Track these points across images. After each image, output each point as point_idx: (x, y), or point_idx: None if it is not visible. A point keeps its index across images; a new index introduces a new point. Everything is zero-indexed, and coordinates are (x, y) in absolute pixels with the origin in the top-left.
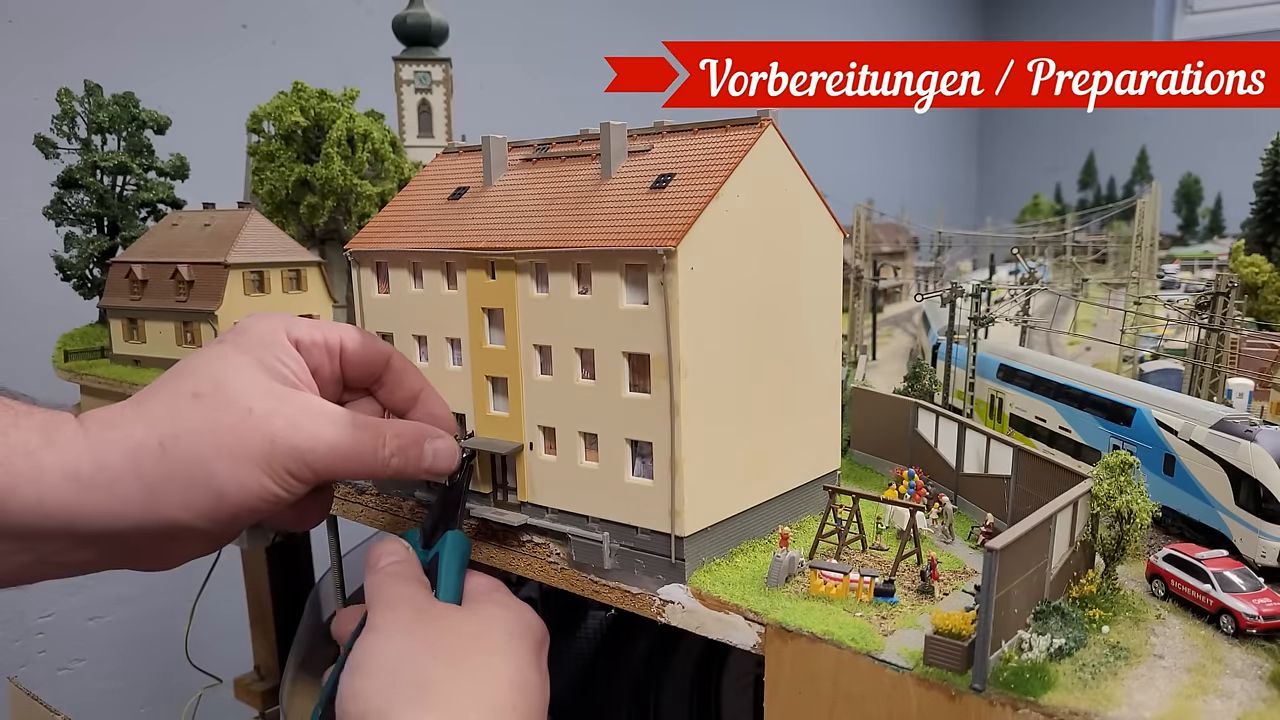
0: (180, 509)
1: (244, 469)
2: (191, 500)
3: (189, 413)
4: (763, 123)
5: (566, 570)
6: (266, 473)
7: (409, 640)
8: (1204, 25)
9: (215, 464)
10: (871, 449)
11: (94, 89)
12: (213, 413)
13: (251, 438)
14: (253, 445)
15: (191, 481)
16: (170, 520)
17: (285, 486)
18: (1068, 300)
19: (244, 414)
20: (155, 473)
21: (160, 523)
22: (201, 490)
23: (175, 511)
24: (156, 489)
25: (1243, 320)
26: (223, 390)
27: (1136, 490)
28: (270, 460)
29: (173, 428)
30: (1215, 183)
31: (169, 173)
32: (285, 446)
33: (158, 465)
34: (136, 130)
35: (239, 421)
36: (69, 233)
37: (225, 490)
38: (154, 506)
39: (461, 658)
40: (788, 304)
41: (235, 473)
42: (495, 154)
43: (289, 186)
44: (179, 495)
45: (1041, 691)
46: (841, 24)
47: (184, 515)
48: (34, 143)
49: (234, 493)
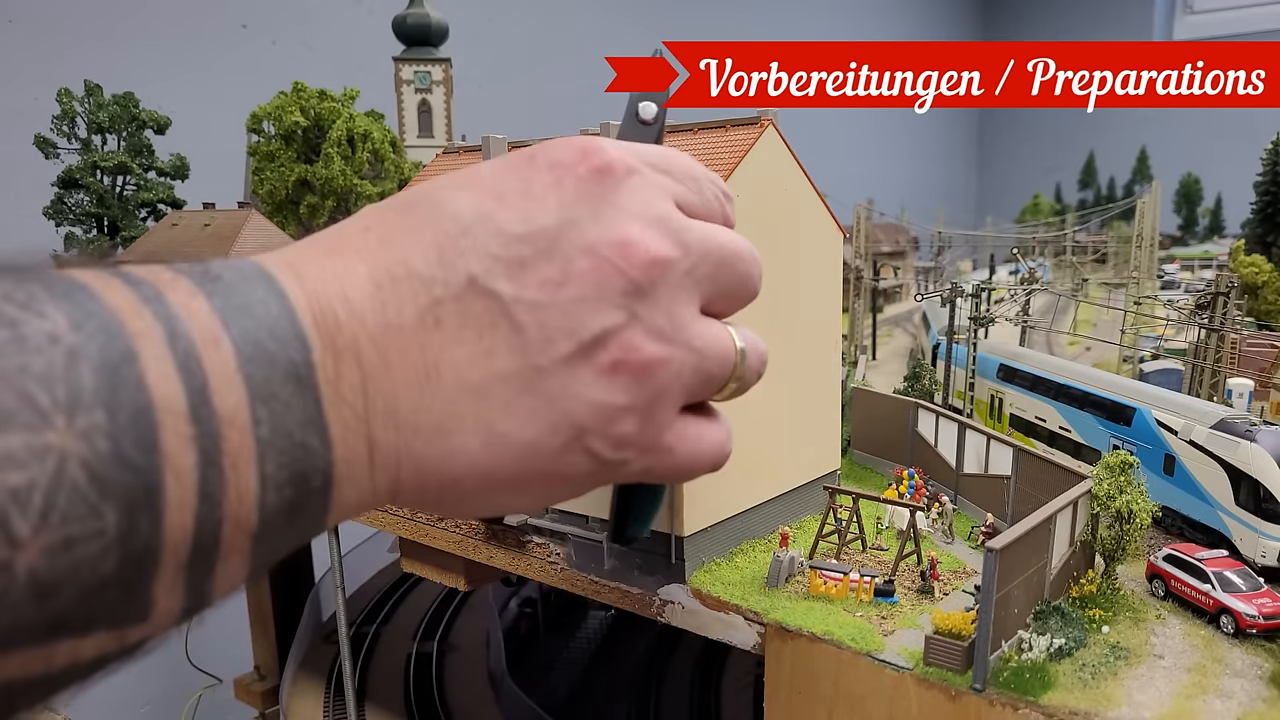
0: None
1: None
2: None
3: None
4: (763, 123)
5: (566, 570)
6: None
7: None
8: (1204, 25)
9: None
10: (871, 449)
11: (94, 89)
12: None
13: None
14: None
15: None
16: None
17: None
18: (1068, 300)
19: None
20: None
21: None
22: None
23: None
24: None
25: (1243, 320)
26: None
27: (1136, 490)
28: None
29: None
30: (1215, 183)
31: (169, 173)
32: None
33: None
34: (136, 130)
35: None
36: (69, 233)
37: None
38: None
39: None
40: (788, 304)
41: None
42: (495, 154)
43: (289, 186)
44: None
45: (1041, 691)
46: (841, 24)
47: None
48: (34, 143)
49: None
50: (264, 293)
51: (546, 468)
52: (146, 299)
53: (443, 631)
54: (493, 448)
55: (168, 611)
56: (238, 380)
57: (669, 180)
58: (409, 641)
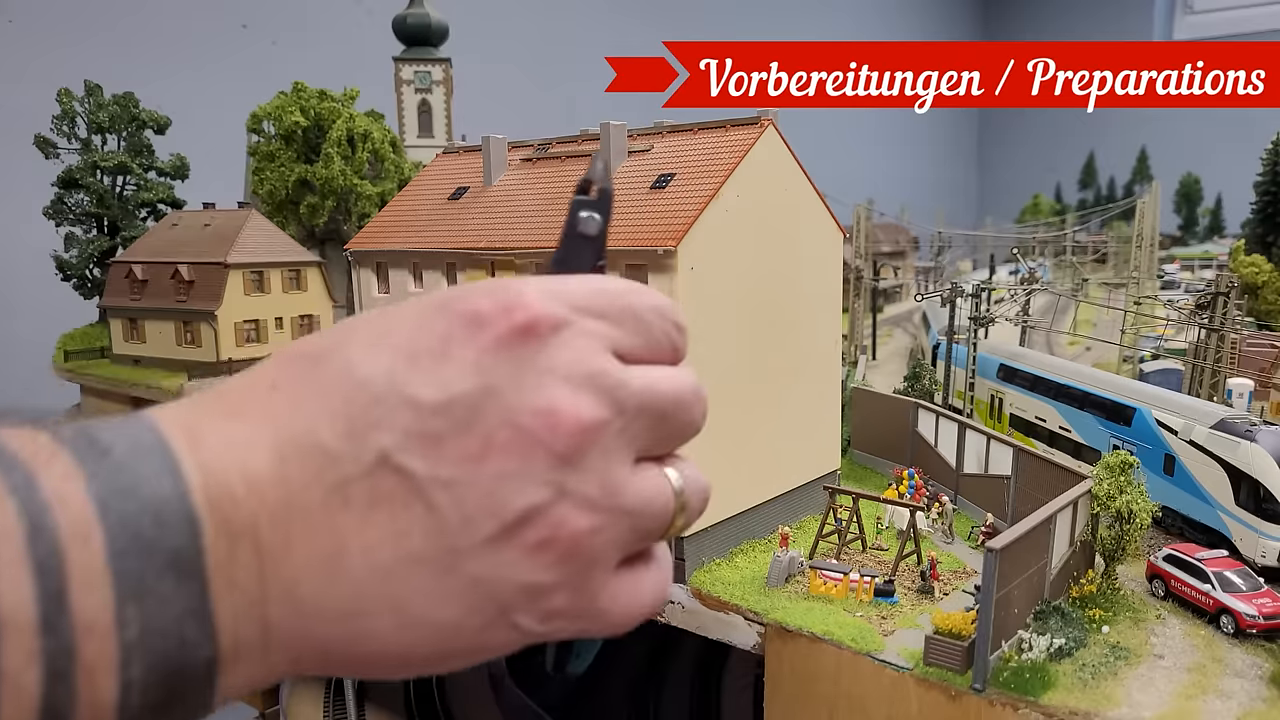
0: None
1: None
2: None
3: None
4: (763, 123)
5: None
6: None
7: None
8: (1204, 25)
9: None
10: (871, 449)
11: (94, 89)
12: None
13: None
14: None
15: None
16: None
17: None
18: (1068, 300)
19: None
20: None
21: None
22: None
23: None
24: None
25: (1243, 320)
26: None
27: (1136, 490)
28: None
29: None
30: (1215, 183)
31: (169, 173)
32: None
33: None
34: (136, 130)
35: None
36: (69, 233)
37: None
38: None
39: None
40: (788, 304)
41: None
42: (495, 154)
43: (289, 186)
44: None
45: (1041, 691)
46: (841, 24)
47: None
48: (34, 143)
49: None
50: (156, 469)
51: (468, 645)
52: (15, 488)
53: None
54: (407, 630)
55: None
56: (106, 578)
57: (604, 326)
58: None
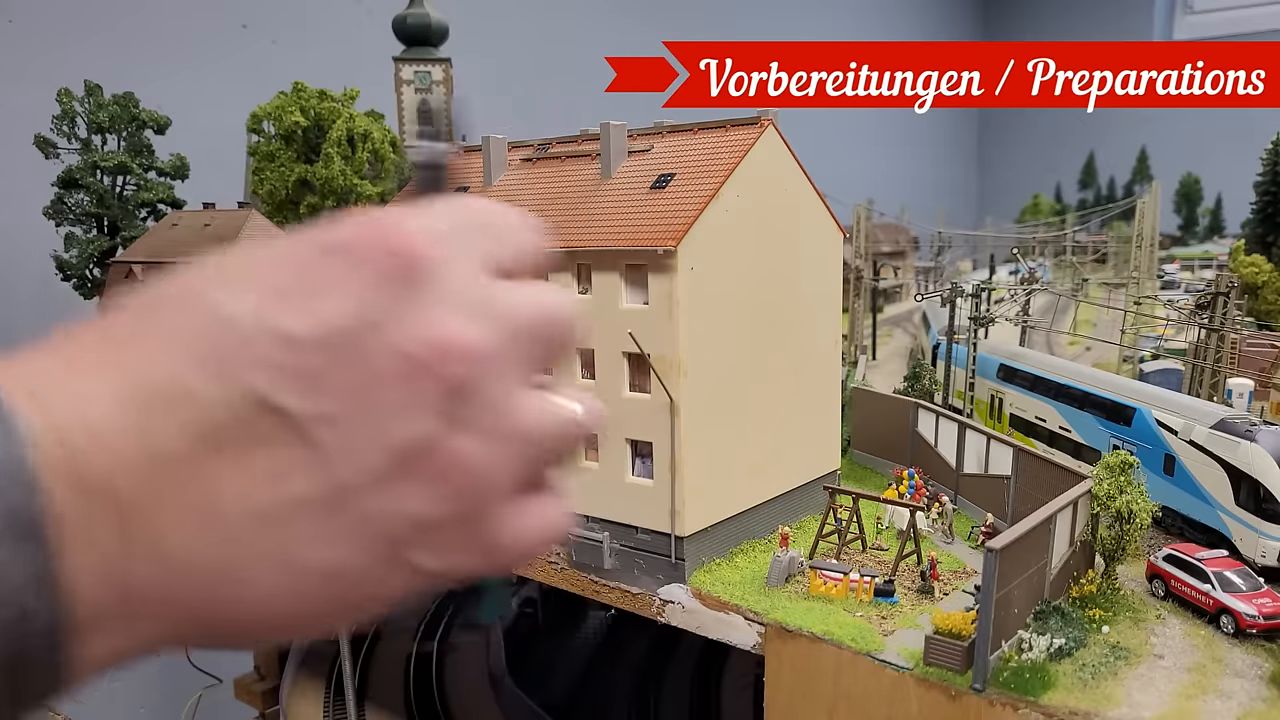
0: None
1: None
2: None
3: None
4: (763, 123)
5: (566, 570)
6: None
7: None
8: (1204, 25)
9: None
10: (871, 449)
11: (94, 89)
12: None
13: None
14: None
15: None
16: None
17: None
18: (1068, 300)
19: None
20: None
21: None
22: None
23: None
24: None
25: (1243, 320)
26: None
27: (1136, 490)
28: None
29: None
30: (1215, 183)
31: (169, 173)
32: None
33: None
34: (136, 130)
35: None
36: (69, 233)
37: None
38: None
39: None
40: (788, 304)
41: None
42: (495, 154)
43: (289, 186)
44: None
45: (1041, 691)
46: (841, 24)
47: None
48: (34, 143)
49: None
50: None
51: (362, 591)
52: None
53: (443, 631)
54: (292, 579)
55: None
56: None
57: (480, 246)
58: (409, 641)
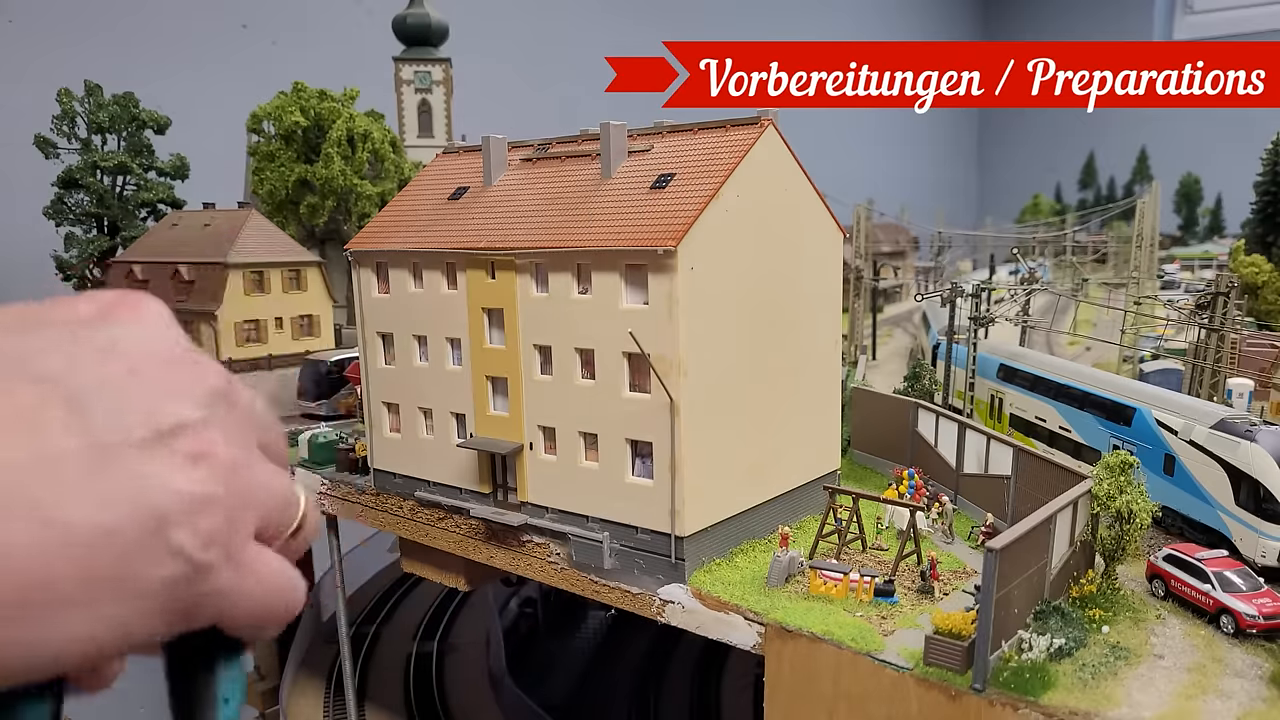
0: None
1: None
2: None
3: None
4: (763, 123)
5: (566, 570)
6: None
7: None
8: (1204, 25)
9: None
10: (871, 449)
11: (94, 89)
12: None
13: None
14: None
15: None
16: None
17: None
18: (1068, 300)
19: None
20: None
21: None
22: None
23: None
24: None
25: (1243, 320)
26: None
27: (1136, 490)
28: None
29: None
30: (1215, 183)
31: (169, 173)
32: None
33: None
34: (136, 130)
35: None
36: (69, 233)
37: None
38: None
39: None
40: (788, 304)
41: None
42: (495, 154)
43: (289, 186)
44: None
45: (1041, 691)
46: (841, 24)
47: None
48: (34, 143)
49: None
50: None
51: (121, 567)
52: None
53: (443, 631)
54: (49, 533)
55: None
56: None
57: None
58: (409, 641)
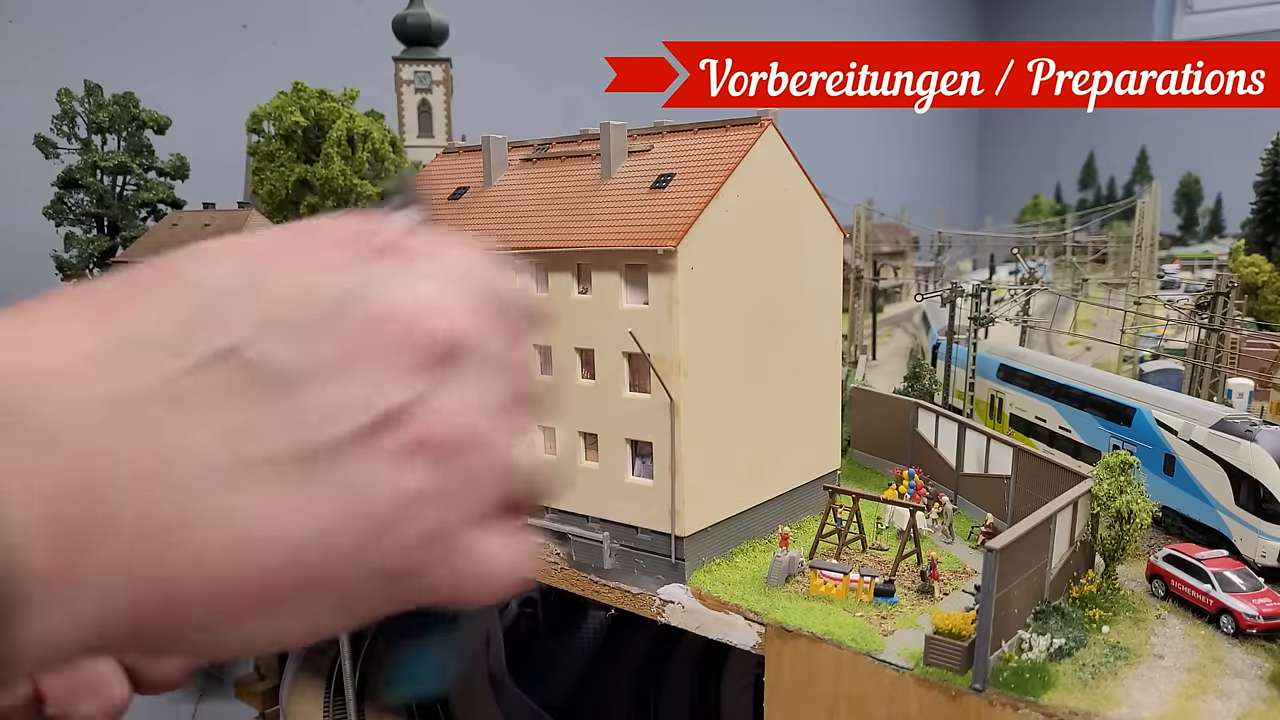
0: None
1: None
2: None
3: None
4: (763, 123)
5: (566, 570)
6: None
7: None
8: (1204, 25)
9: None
10: (871, 449)
11: (94, 89)
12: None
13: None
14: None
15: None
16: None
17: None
18: (1068, 300)
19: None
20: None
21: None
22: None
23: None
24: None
25: (1243, 320)
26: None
27: (1136, 490)
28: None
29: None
30: (1215, 183)
31: (169, 173)
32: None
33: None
34: (136, 130)
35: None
36: (69, 233)
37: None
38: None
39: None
40: (788, 304)
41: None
42: (495, 154)
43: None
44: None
45: (1041, 691)
46: (841, 24)
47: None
48: (34, 143)
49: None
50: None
51: (329, 574)
52: None
53: None
54: (259, 554)
55: None
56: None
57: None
58: None
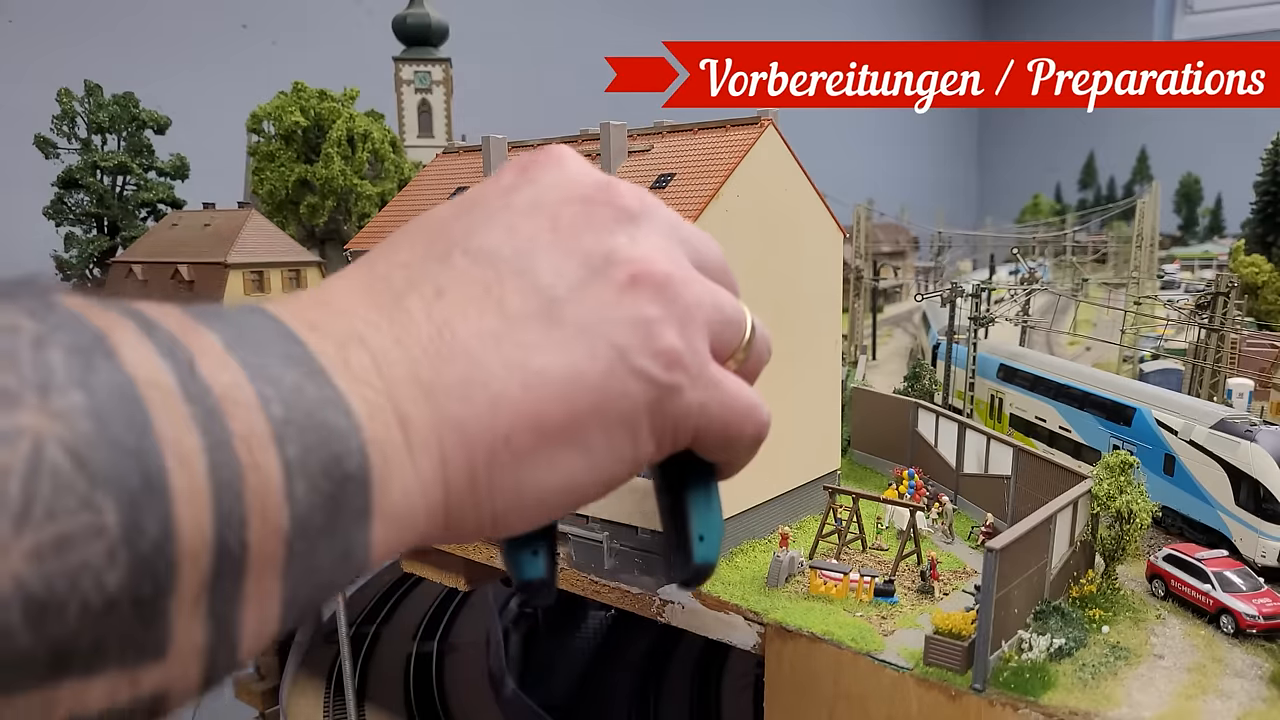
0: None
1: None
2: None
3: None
4: (763, 123)
5: (566, 570)
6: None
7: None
8: (1204, 25)
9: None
10: (871, 449)
11: (94, 89)
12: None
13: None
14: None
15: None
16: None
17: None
18: (1068, 300)
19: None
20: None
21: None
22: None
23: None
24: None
25: (1243, 320)
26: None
27: (1136, 490)
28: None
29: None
30: (1215, 183)
31: (169, 173)
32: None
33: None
34: (136, 130)
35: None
36: (69, 233)
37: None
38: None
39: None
40: (788, 304)
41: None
42: (495, 154)
43: (289, 186)
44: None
45: (1041, 691)
46: (841, 24)
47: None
48: (34, 143)
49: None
50: (259, 318)
51: (598, 401)
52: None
53: (443, 631)
54: (533, 388)
55: (188, 648)
56: (230, 361)
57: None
58: (409, 641)
